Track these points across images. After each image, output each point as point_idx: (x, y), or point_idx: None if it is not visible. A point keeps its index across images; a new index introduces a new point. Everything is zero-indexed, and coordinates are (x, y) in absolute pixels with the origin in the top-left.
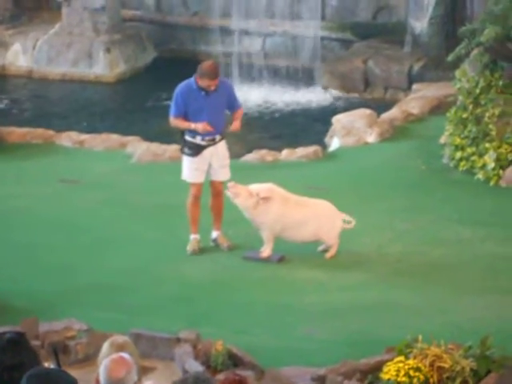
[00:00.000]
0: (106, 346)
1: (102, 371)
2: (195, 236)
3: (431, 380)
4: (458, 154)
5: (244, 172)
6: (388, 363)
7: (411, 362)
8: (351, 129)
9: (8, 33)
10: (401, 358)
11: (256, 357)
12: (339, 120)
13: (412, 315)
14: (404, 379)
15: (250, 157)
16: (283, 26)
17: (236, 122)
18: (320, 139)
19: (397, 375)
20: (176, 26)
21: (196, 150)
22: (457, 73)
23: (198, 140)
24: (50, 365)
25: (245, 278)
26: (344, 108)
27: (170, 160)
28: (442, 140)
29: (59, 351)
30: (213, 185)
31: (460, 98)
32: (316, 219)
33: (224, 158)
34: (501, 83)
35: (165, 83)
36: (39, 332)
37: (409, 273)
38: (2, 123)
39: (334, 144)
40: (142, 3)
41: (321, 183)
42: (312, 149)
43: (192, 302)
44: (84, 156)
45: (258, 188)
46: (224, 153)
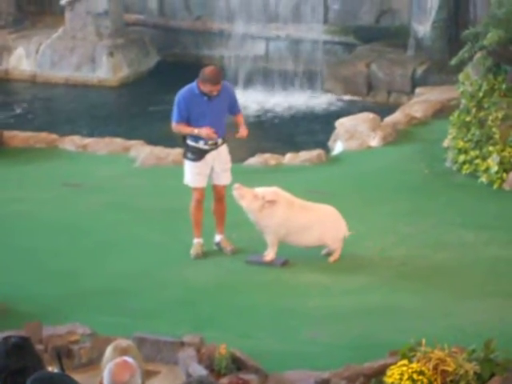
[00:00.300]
0: (110, 350)
1: (106, 375)
2: (198, 240)
3: (435, 383)
4: (462, 158)
5: (247, 176)
6: (391, 367)
7: (415, 366)
8: (354, 132)
9: (11, 37)
10: (404, 362)
11: (259, 360)
12: (342, 124)
13: (415, 319)
14: (408, 383)
15: (253, 160)
16: (286, 30)
17: (242, 129)
18: (323, 143)
19: (400, 379)
20: (179, 30)
21: (199, 155)
22: (460, 76)
23: (201, 145)
24: (54, 369)
25: (248, 282)
26: (347, 112)
27: (174, 163)
28: (446, 143)
29: (63, 355)
30: (215, 189)
31: (463, 102)
32: (321, 224)
33: (226, 162)
34: (504, 86)
35: (168, 87)
36: (43, 336)
37: (412, 276)
38: (5, 127)
39: (338, 148)
40: (145, 7)
41: (324, 187)
42: (315, 152)
43: (195, 306)
44: (87, 160)
45: (264, 191)
46: (226, 157)
